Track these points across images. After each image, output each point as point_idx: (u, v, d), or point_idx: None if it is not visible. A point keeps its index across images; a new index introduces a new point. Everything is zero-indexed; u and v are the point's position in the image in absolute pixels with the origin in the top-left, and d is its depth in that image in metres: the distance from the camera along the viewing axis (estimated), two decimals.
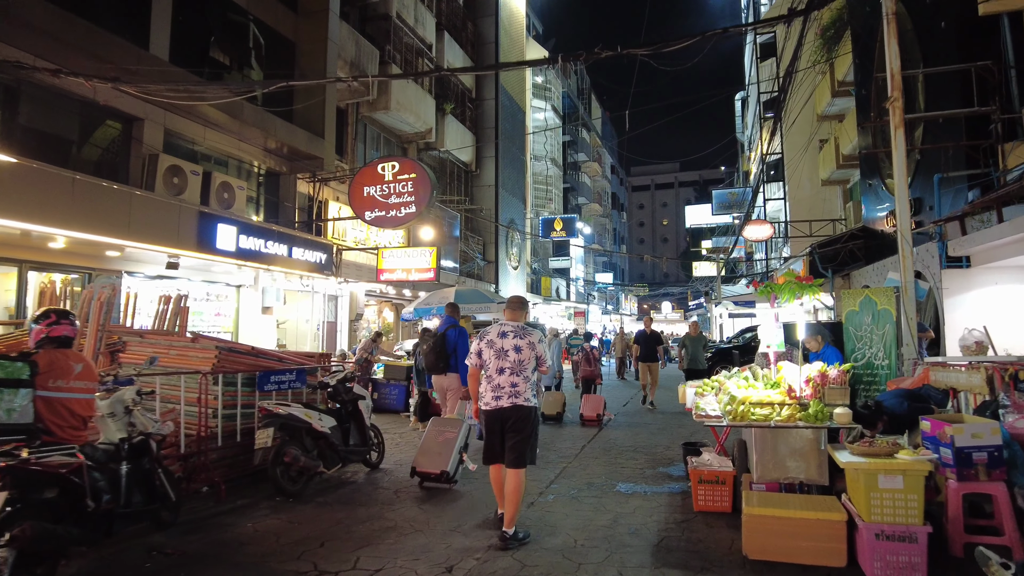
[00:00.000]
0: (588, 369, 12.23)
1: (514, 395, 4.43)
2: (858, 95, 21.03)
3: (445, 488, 6.08)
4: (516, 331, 4.56)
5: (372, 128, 19.43)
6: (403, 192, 13.14)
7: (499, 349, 4.50)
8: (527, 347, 4.50)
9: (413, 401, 10.40)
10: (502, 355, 4.48)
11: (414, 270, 13.91)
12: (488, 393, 4.53)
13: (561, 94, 38.26)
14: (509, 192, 27.09)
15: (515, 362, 4.46)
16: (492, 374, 4.50)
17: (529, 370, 4.53)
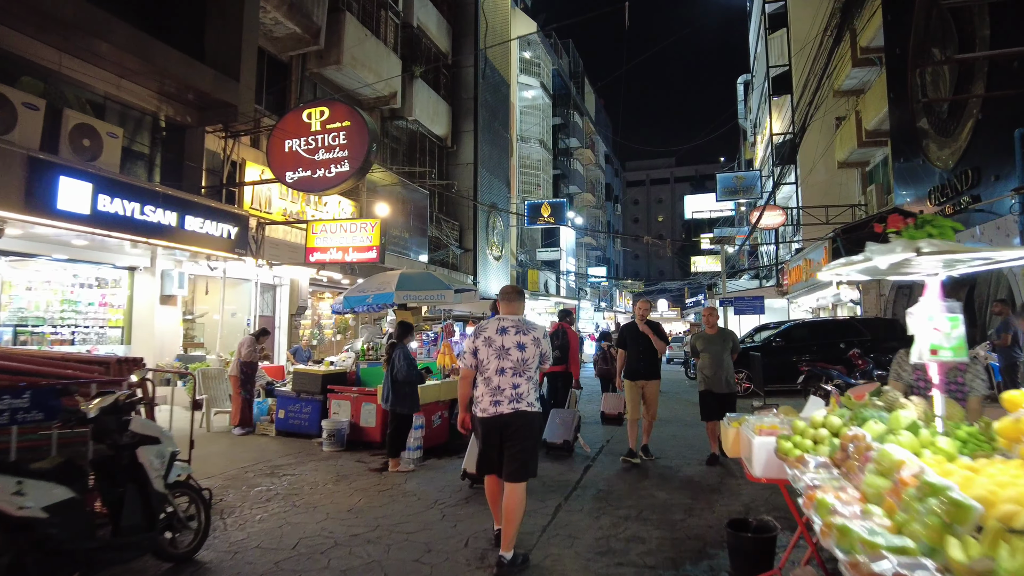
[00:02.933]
0: (605, 367, 12.08)
1: (516, 399, 3.95)
2: (890, 57, 18.16)
3: None
4: (518, 326, 4.10)
5: (323, 88, 16.38)
6: (334, 145, 10.16)
7: (499, 347, 4.04)
8: (532, 344, 4.03)
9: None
10: (503, 354, 4.02)
11: (352, 248, 10.91)
12: (486, 397, 4.03)
13: (551, 72, 35.29)
14: (490, 172, 24.11)
15: (518, 361, 3.99)
16: (491, 375, 4.03)
17: (533, 369, 4.06)
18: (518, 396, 3.95)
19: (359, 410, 7.89)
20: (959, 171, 13.47)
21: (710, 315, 7.57)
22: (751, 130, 39.46)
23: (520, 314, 4.25)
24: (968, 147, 13.25)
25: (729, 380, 7.04)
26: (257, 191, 11.66)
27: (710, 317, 7.50)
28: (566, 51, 42.90)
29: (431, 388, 7.50)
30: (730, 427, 3.72)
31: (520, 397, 3.96)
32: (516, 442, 3.93)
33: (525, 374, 4.01)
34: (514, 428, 3.94)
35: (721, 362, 7.05)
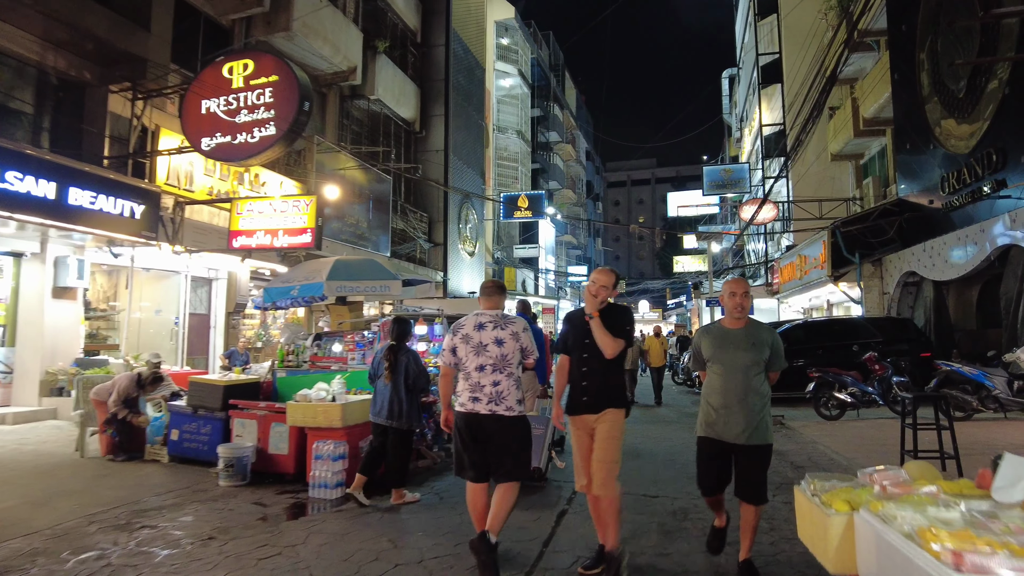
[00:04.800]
0: None
1: (495, 399, 3.75)
2: (894, 37, 16.77)
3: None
4: (495, 321, 3.91)
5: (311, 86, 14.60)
6: (258, 105, 8.39)
7: (477, 344, 3.86)
8: (510, 338, 3.86)
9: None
10: (481, 350, 3.84)
11: (282, 231, 9.11)
12: (465, 392, 3.83)
13: (530, 60, 33.66)
14: (463, 161, 22.38)
15: (498, 357, 3.82)
16: (471, 372, 3.83)
17: (514, 365, 3.87)
18: (498, 396, 3.78)
19: (267, 432, 6.12)
20: (979, 154, 12.00)
21: (734, 293, 3.74)
22: (736, 125, 38.17)
23: (499, 309, 4.06)
24: (991, 126, 11.77)
25: (760, 423, 3.59)
26: (176, 165, 9.81)
27: (733, 297, 3.73)
28: (546, 43, 41.35)
29: (359, 405, 5.76)
30: (826, 511, 2.03)
31: (500, 397, 3.78)
32: (497, 444, 3.80)
33: (506, 371, 3.84)
34: (492, 431, 3.78)
35: (747, 387, 3.60)
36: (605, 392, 3.71)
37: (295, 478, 5.95)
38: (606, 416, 3.67)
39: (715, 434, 3.66)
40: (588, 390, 3.71)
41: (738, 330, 3.72)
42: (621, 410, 3.73)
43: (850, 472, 6.22)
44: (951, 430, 5.66)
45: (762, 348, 3.64)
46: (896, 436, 7.84)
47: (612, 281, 3.77)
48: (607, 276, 3.76)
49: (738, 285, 3.79)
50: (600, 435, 3.66)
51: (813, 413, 9.82)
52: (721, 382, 3.67)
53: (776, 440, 8.13)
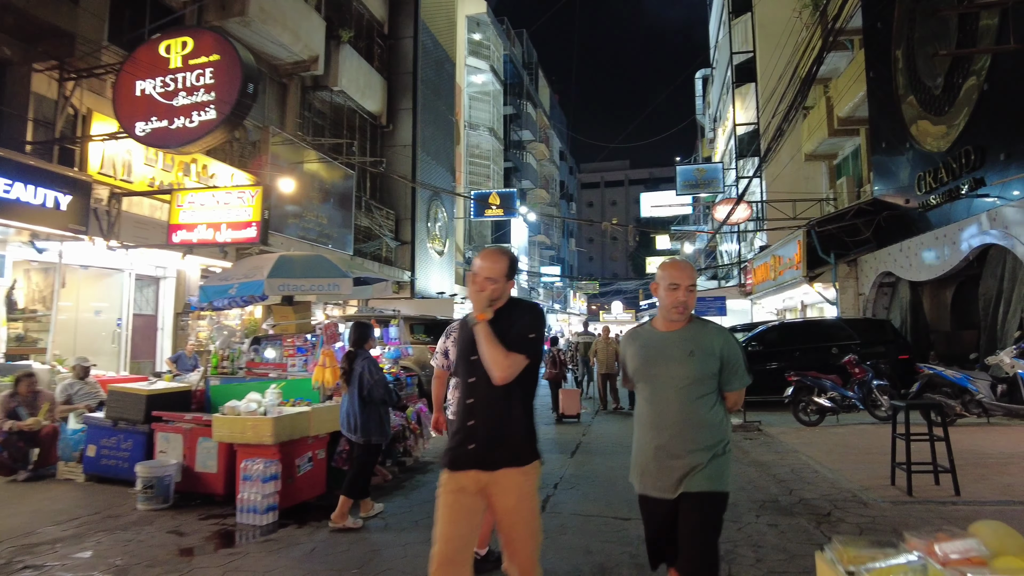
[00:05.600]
0: (553, 371, 11.96)
1: None
2: (869, 35, 16.57)
3: None
4: None
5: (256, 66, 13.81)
6: (197, 87, 7.65)
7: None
8: None
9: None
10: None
11: (225, 225, 8.38)
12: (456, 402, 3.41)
13: (503, 57, 33.08)
14: (432, 157, 21.69)
15: None
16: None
17: None
18: None
19: (194, 448, 5.43)
20: (956, 152, 11.73)
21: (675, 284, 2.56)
22: (709, 125, 38.08)
23: None
24: (969, 124, 11.50)
25: (710, 465, 2.46)
26: (112, 153, 9.01)
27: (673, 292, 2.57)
28: (519, 41, 40.82)
29: (295, 418, 5.10)
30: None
31: None
32: None
33: None
34: None
35: (685, 415, 2.52)
36: (502, 437, 2.41)
37: (225, 500, 5.27)
38: (509, 480, 2.38)
39: (648, 489, 2.51)
40: (475, 433, 2.42)
41: (673, 334, 2.55)
42: (533, 466, 2.44)
43: (838, 486, 5.78)
44: (946, 441, 5.21)
45: (708, 359, 2.47)
46: (881, 444, 7.42)
47: (503, 267, 2.48)
48: (496, 260, 2.49)
49: (680, 272, 2.54)
50: (505, 509, 2.38)
51: (791, 418, 9.40)
52: (649, 410, 2.54)
53: (755, 449, 7.67)
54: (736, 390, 2.56)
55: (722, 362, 2.50)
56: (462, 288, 25.43)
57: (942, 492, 5.22)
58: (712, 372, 2.50)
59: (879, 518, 4.67)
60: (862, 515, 4.75)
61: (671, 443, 2.48)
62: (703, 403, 2.49)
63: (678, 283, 2.53)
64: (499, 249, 2.57)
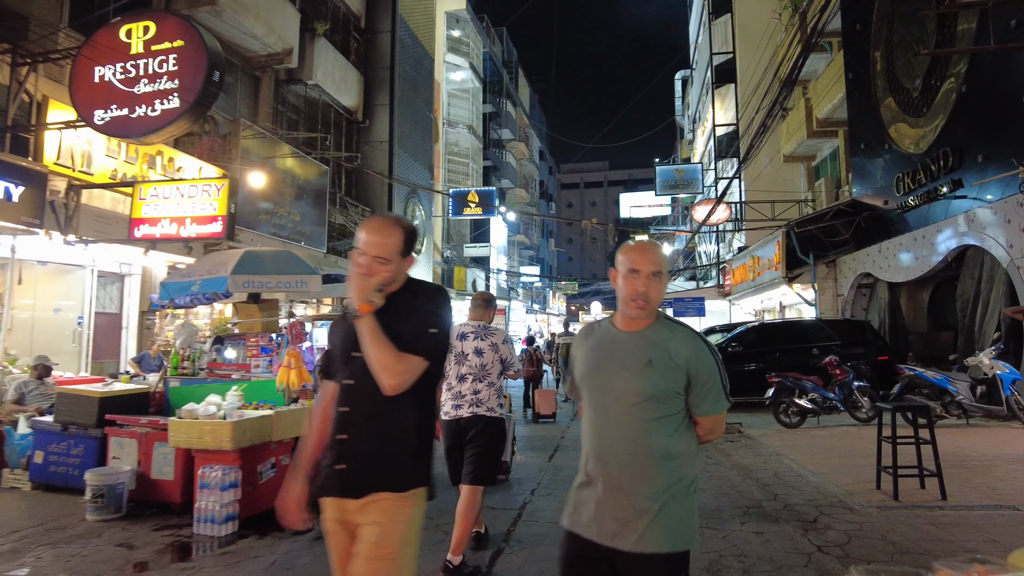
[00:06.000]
0: (531, 369, 11.94)
1: (475, 403, 3.87)
2: (848, 37, 16.62)
3: None
4: (477, 331, 4.02)
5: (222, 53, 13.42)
6: (160, 74, 7.29)
7: (458, 353, 3.97)
8: (489, 349, 3.96)
9: None
10: (462, 359, 3.96)
11: (189, 219, 8.02)
12: (448, 402, 3.95)
13: (482, 54, 32.81)
14: (410, 155, 21.37)
15: (477, 367, 3.93)
16: (452, 381, 3.97)
17: (494, 375, 3.98)
18: (478, 401, 3.89)
19: (150, 454, 5.11)
20: (934, 154, 11.75)
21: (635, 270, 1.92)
22: (689, 126, 38.20)
23: (484, 321, 4.15)
24: (947, 126, 11.53)
25: (666, 514, 1.81)
26: (70, 143, 8.59)
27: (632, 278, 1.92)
28: (499, 39, 40.60)
29: (257, 422, 4.80)
30: None
31: (480, 402, 3.89)
32: (474, 445, 3.84)
33: (485, 380, 3.94)
34: (472, 432, 3.85)
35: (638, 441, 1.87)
36: (382, 457, 1.89)
37: (183, 509, 4.96)
38: (378, 507, 1.87)
39: (583, 528, 1.87)
40: (346, 449, 1.90)
41: (632, 335, 1.94)
42: (415, 494, 1.91)
43: (823, 491, 5.63)
44: (933, 444, 5.08)
45: (670, 371, 1.86)
46: (864, 447, 7.32)
47: (396, 242, 1.94)
48: (386, 233, 1.93)
49: (642, 255, 1.93)
50: (364, 545, 1.85)
51: (772, 420, 9.29)
52: (592, 431, 1.94)
53: (737, 452, 7.52)
54: (709, 415, 1.91)
55: (690, 377, 1.87)
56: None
57: (928, 496, 5.09)
58: (675, 389, 1.86)
59: (866, 524, 4.51)
60: (849, 521, 4.59)
61: (617, 477, 1.84)
62: (661, 428, 1.85)
63: (638, 269, 1.90)
64: (390, 218, 2.00)
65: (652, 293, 1.90)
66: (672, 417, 1.87)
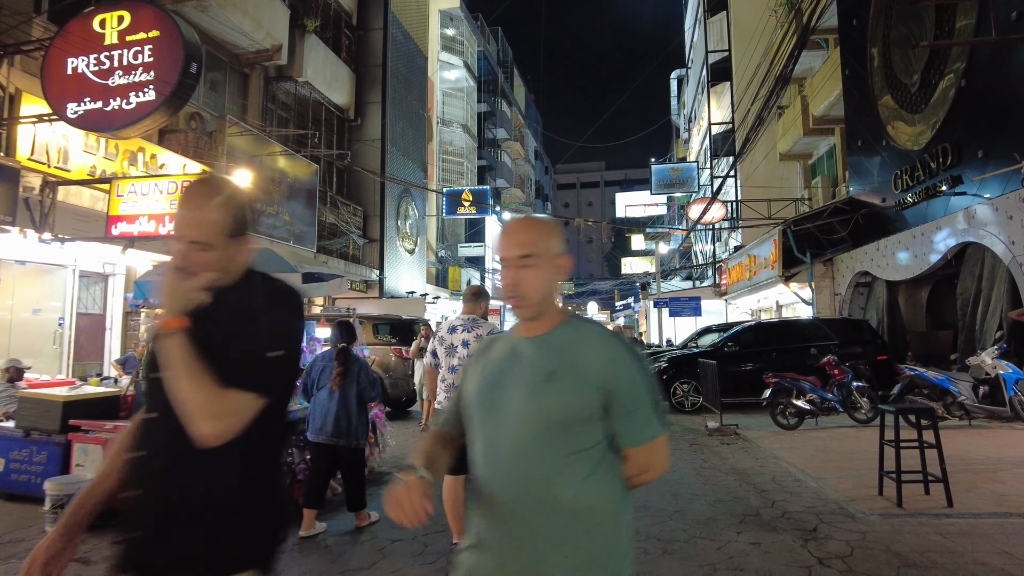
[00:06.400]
0: None
1: None
2: (844, 33, 16.42)
3: None
4: (466, 324, 4.17)
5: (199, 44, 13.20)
6: (135, 65, 7.04)
7: (448, 345, 4.13)
8: (474, 340, 4.08)
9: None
10: (451, 351, 4.11)
11: (168, 217, 7.77)
12: (441, 393, 4.16)
13: (477, 53, 32.59)
14: (402, 153, 21.12)
15: (464, 358, 4.00)
16: (445, 373, 4.14)
17: None
18: None
19: None
20: (933, 150, 11.55)
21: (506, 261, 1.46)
22: (684, 126, 38.03)
23: (476, 314, 4.28)
24: (946, 121, 11.33)
25: None
26: (46, 138, 8.33)
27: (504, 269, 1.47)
28: (494, 38, 40.39)
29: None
30: None
31: None
32: None
33: None
34: None
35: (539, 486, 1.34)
36: (189, 523, 1.34)
37: None
38: None
39: None
40: (139, 512, 1.37)
41: (528, 343, 1.48)
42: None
43: (823, 497, 5.39)
44: (938, 448, 4.85)
45: (579, 387, 1.36)
46: (863, 449, 7.09)
47: (220, 218, 1.41)
48: (203, 205, 1.41)
49: (506, 238, 1.47)
50: None
51: (769, 421, 9.05)
52: (484, 465, 1.44)
53: (733, 455, 7.28)
54: (638, 446, 1.38)
55: (607, 394, 1.35)
56: (434, 287, 24.89)
57: (933, 503, 4.86)
58: (587, 412, 1.35)
59: (869, 534, 4.27)
60: (851, 530, 4.35)
61: (512, 544, 1.34)
62: (570, 469, 1.34)
63: (503, 256, 1.45)
64: (209, 183, 1.47)
65: (525, 286, 1.42)
66: (585, 453, 1.34)
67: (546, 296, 1.45)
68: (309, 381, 4.83)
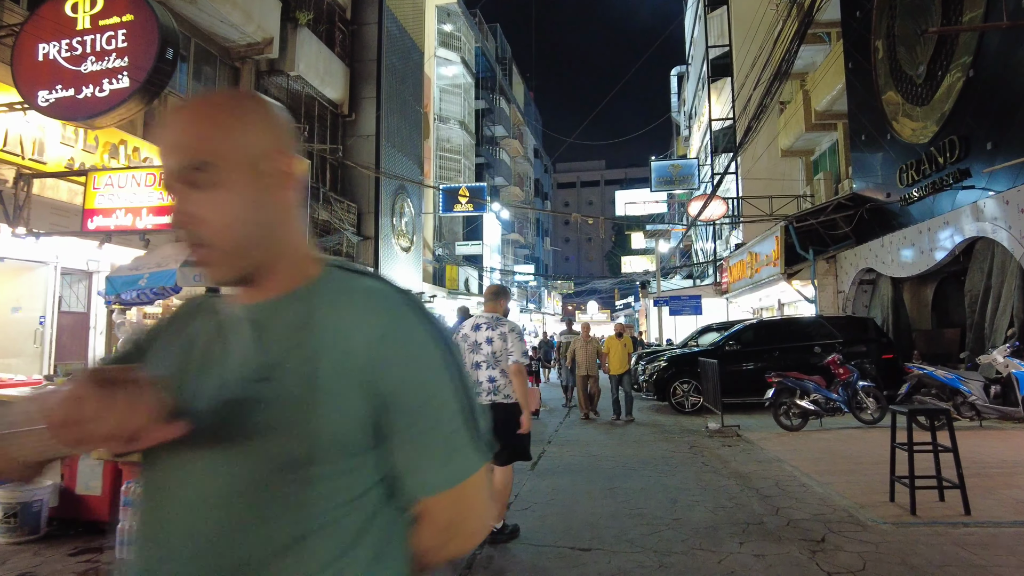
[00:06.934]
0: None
1: (492, 391, 4.21)
2: (847, 26, 16.11)
3: None
4: (489, 322, 4.38)
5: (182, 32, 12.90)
6: (108, 51, 6.72)
7: (473, 343, 4.31)
8: (499, 338, 4.28)
9: None
10: (476, 348, 4.30)
11: (145, 210, 7.45)
12: None
13: (474, 49, 32.25)
14: (398, 149, 20.80)
15: (488, 355, 4.25)
16: (469, 370, 3.74)
17: (505, 362, 4.28)
18: (495, 389, 4.18)
19: (75, 466, 4.54)
20: (940, 143, 11.22)
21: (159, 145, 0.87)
22: (684, 123, 37.70)
23: (497, 312, 4.46)
24: (953, 113, 10.99)
25: None
26: (19, 130, 8.01)
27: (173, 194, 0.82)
28: (492, 35, 40.07)
29: None
30: None
31: (496, 390, 4.19)
32: (505, 434, 4.07)
33: (498, 367, 4.21)
34: (497, 421, 4.03)
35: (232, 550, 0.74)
36: None
37: (111, 528, 4.39)
38: None
39: None
40: None
41: (249, 310, 0.86)
42: None
43: (830, 503, 5.05)
44: (954, 452, 4.54)
45: (325, 392, 0.77)
46: (871, 452, 6.77)
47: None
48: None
49: (171, 127, 0.82)
50: None
51: (772, 422, 8.73)
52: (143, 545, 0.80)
53: (735, 458, 6.97)
54: (439, 492, 0.81)
55: (382, 404, 0.79)
56: (431, 286, 24.57)
57: (949, 510, 4.54)
58: (340, 438, 0.77)
59: (882, 545, 3.96)
60: (863, 541, 4.04)
61: None
62: (310, 548, 0.75)
63: (163, 164, 0.84)
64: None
65: (202, 222, 0.81)
66: (337, 517, 0.77)
67: (254, 237, 0.83)
68: None
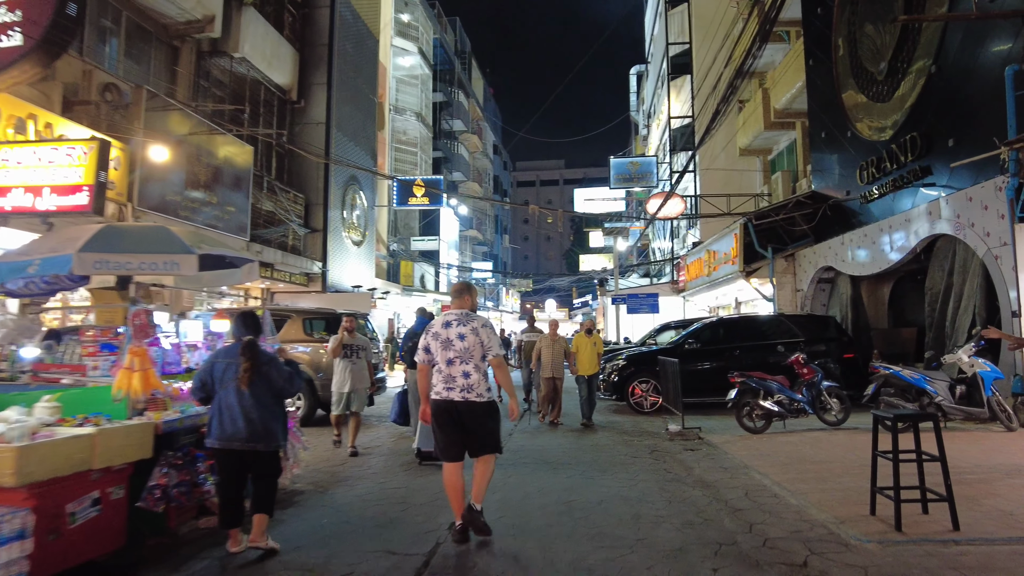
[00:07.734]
0: None
1: (467, 388, 4.21)
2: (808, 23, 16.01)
3: None
4: (459, 318, 4.34)
5: (112, 4, 11.99)
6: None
7: (444, 340, 4.27)
8: (470, 333, 4.27)
9: None
10: (448, 345, 4.26)
11: (48, 189, 6.59)
12: (440, 384, 4.27)
13: (433, 40, 31.46)
14: (350, 139, 19.94)
15: (461, 350, 4.24)
16: (442, 366, 4.27)
17: (478, 357, 4.29)
18: (469, 386, 4.18)
19: None
20: (901, 140, 11.07)
21: None
22: (643, 122, 37.65)
23: (465, 308, 4.41)
24: (914, 109, 10.84)
25: None
26: None
27: None
28: (452, 28, 39.30)
29: (64, 445, 3.51)
30: None
31: (471, 387, 4.19)
32: (476, 429, 4.24)
33: (471, 362, 4.22)
34: (470, 417, 4.19)
35: None
36: None
37: None
38: None
39: None
40: None
41: None
42: None
43: (807, 517, 4.53)
44: (942, 461, 4.15)
45: None
46: (840, 456, 6.41)
47: None
48: None
49: None
50: None
51: (733, 424, 8.38)
52: None
53: (699, 464, 6.50)
54: None
55: None
56: (385, 282, 23.73)
57: (935, 525, 4.15)
58: None
59: (872, 569, 3.52)
60: (849, 564, 3.59)
61: None
62: None
63: None
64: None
65: None
66: None
67: None
68: (203, 379, 4.09)
